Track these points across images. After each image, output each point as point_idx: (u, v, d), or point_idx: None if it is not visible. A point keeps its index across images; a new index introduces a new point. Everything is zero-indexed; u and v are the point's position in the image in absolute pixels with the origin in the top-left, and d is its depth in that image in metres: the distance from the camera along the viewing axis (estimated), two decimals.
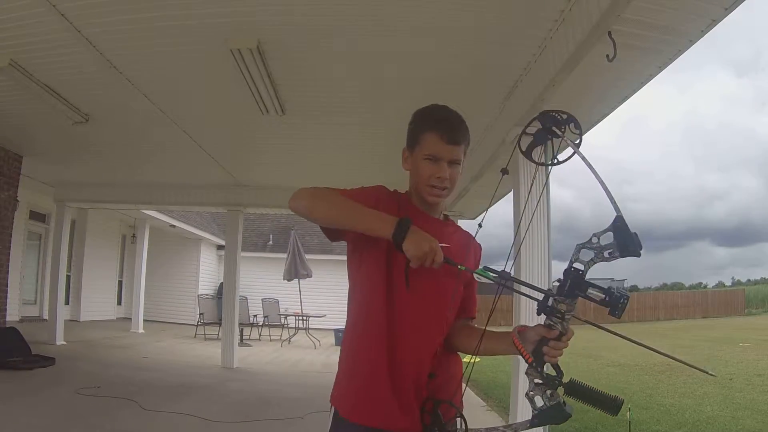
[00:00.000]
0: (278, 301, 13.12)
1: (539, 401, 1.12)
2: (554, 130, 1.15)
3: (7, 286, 6.69)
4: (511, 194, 4.60)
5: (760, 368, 8.63)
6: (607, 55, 2.54)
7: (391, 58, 3.75)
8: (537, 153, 1.26)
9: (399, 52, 3.66)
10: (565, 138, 1.15)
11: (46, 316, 8.83)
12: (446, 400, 1.26)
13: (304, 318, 11.95)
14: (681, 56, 2.95)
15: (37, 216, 9.97)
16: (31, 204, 9.35)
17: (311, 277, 11.88)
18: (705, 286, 39.13)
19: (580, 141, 1.14)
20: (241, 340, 10.28)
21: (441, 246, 1.16)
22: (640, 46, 2.83)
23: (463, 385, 1.34)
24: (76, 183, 8.30)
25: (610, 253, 1.07)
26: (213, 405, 4.89)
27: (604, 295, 1.06)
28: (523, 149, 1.23)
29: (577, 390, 1.11)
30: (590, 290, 1.07)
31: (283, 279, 11.89)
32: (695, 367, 1.20)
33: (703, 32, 2.67)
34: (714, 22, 2.57)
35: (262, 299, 12.82)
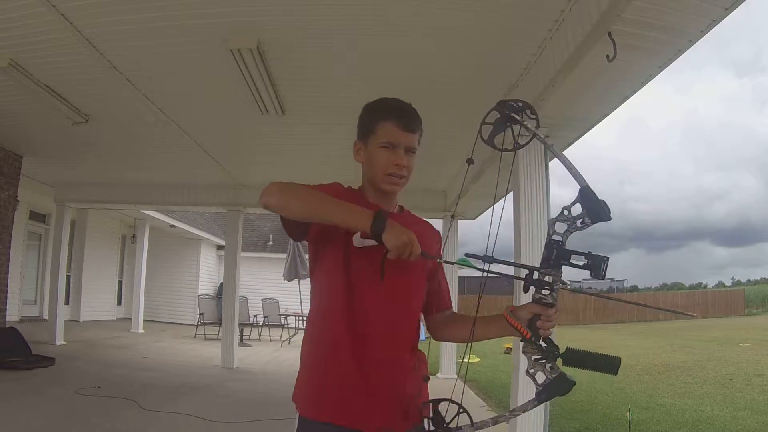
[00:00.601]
0: (278, 301, 13.12)
1: (541, 377, 1.14)
2: (512, 116, 1.20)
3: (7, 286, 6.69)
4: (511, 194, 4.60)
5: (760, 368, 8.63)
6: (607, 55, 2.54)
7: (391, 58, 3.75)
8: (499, 140, 1.29)
9: (399, 52, 3.67)
10: (523, 123, 1.19)
11: (46, 316, 8.83)
12: (446, 398, 1.25)
13: (304, 318, 11.94)
14: (681, 56, 2.95)
15: (37, 216, 9.97)
16: (31, 204, 9.35)
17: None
18: (705, 286, 39.08)
19: (538, 124, 1.20)
20: (241, 340, 10.28)
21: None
22: (640, 46, 2.82)
23: (461, 384, 1.33)
24: (76, 183, 8.30)
25: (581, 222, 1.12)
26: (213, 405, 4.89)
27: (586, 260, 1.10)
28: (485, 138, 1.26)
29: (575, 358, 1.14)
30: (573, 257, 1.12)
31: (283, 279, 11.89)
32: (677, 312, 1.27)
33: (703, 32, 2.66)
34: (714, 22, 2.57)
35: (262, 299, 12.82)
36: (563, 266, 1.13)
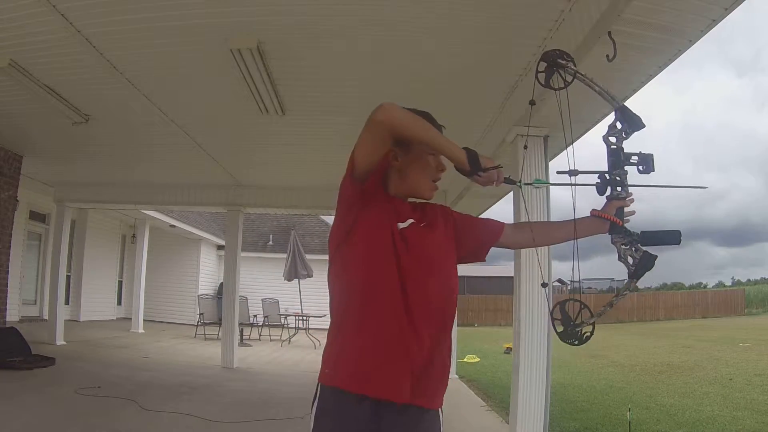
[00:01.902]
0: (278, 301, 13.12)
1: (631, 259, 1.35)
2: (559, 61, 1.46)
3: (7, 286, 6.69)
4: (511, 194, 4.60)
5: (760, 368, 8.63)
6: (607, 55, 2.54)
7: (391, 58, 3.75)
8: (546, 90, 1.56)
9: (399, 52, 3.66)
10: (567, 66, 1.47)
11: (46, 316, 8.83)
12: (569, 298, 1.36)
13: (304, 318, 11.96)
14: (681, 56, 2.96)
15: (37, 216, 9.96)
16: (31, 204, 9.35)
17: (311, 277, 11.89)
18: (705, 286, 38.98)
19: (575, 64, 1.47)
20: (241, 340, 10.28)
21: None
22: (640, 46, 2.83)
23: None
24: (76, 183, 8.29)
25: (625, 133, 1.38)
26: (213, 405, 4.89)
27: (638, 158, 1.37)
28: (543, 83, 1.52)
29: (649, 238, 1.35)
30: (631, 158, 1.37)
31: (283, 279, 11.89)
32: (687, 186, 1.50)
33: (703, 32, 2.66)
34: (714, 22, 2.57)
35: (262, 299, 12.82)
36: (625, 166, 1.38)
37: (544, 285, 1.56)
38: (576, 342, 1.35)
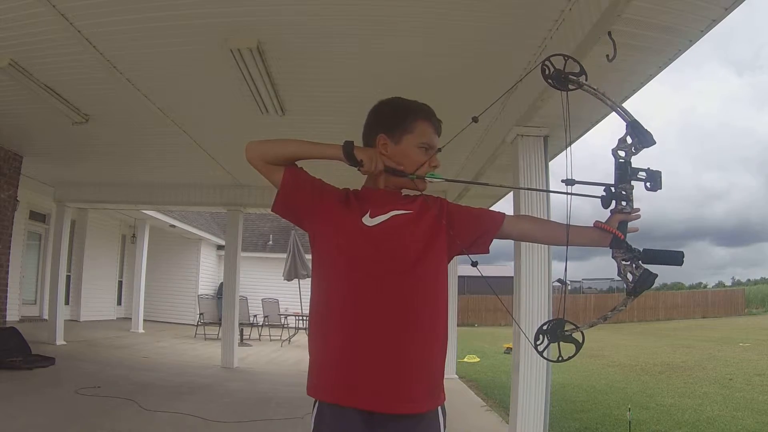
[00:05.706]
0: (278, 301, 13.12)
1: (630, 276, 1.33)
2: (570, 77, 1.41)
3: (7, 286, 6.69)
4: (511, 195, 4.61)
5: (760, 368, 8.63)
6: (607, 55, 2.54)
7: (390, 57, 3.75)
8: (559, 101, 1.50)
9: (399, 52, 3.66)
10: (580, 82, 1.41)
11: (46, 316, 8.83)
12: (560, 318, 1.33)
13: (304, 318, 11.96)
14: (681, 56, 2.96)
15: (37, 216, 9.97)
16: (31, 204, 9.35)
17: (311, 277, 11.89)
18: (705, 286, 38.88)
19: (581, 69, 1.41)
20: (241, 340, 10.29)
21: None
22: (640, 46, 2.83)
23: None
24: (76, 183, 8.30)
25: (635, 148, 1.36)
26: (213, 405, 4.89)
27: (645, 174, 1.36)
28: (554, 86, 1.44)
29: (651, 256, 1.33)
30: (639, 173, 1.35)
31: (283, 279, 11.90)
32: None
33: (703, 32, 2.67)
34: (714, 22, 2.57)
35: (262, 299, 12.83)
36: (632, 181, 1.36)
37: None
38: (561, 359, 1.30)
